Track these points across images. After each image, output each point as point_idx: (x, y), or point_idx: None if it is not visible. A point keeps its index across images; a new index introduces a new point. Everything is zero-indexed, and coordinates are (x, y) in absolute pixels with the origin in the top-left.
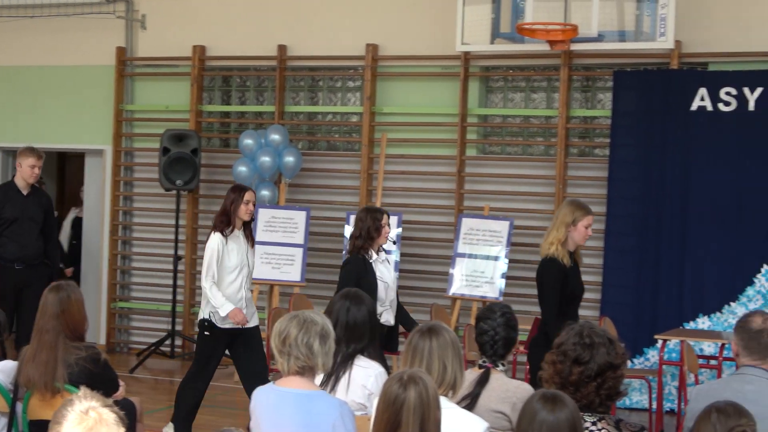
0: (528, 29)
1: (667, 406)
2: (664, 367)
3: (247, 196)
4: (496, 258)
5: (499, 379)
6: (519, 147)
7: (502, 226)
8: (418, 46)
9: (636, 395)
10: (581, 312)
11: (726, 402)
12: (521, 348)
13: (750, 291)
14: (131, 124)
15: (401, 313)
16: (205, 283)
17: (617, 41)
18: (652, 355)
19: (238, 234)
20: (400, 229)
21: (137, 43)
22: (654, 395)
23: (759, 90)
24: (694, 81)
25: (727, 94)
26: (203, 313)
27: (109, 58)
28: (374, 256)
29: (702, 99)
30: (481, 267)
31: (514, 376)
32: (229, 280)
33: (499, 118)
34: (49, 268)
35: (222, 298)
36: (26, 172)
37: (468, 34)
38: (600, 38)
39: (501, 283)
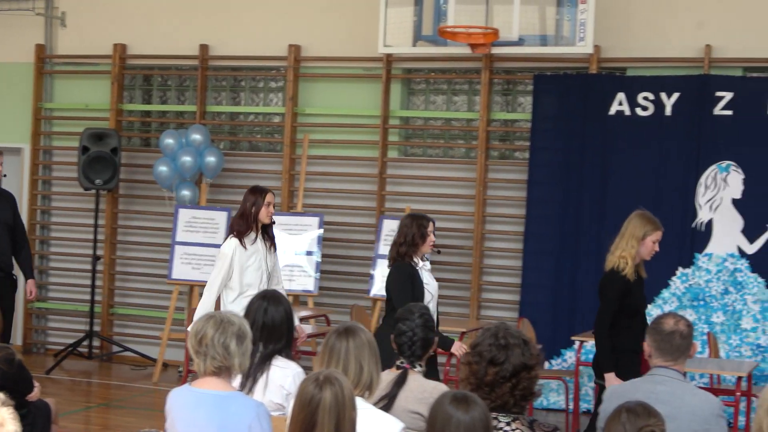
0: (450, 32)
1: (583, 406)
2: (580, 368)
3: (269, 197)
4: None
5: (416, 380)
6: (440, 149)
7: None
8: (340, 48)
9: (553, 396)
10: (500, 313)
11: (636, 402)
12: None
13: (665, 293)
14: (50, 123)
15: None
16: (207, 294)
17: (538, 45)
18: (570, 356)
19: (258, 238)
20: (321, 231)
21: (57, 40)
22: (571, 396)
23: (676, 95)
24: (613, 86)
25: (645, 99)
26: None
27: (28, 56)
28: (420, 263)
29: (620, 104)
30: None
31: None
32: (249, 288)
33: (421, 120)
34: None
35: (202, 312)
36: None
37: (390, 36)
38: (521, 42)
39: None
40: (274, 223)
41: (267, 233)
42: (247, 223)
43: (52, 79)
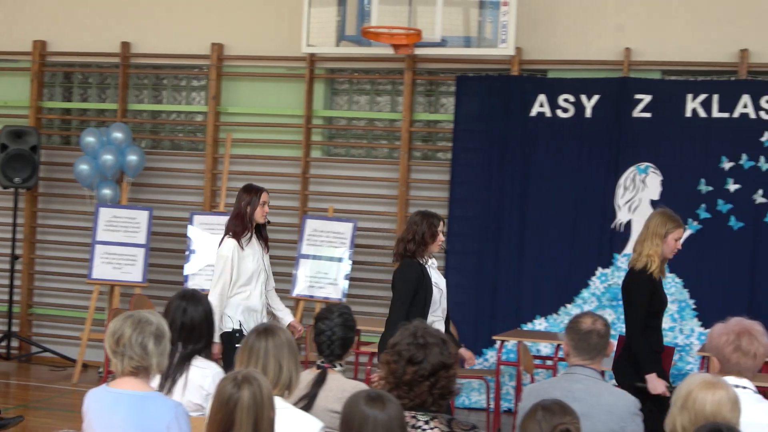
0: (373, 33)
1: (504, 405)
2: (501, 367)
3: (264, 197)
4: (339, 259)
5: (336, 379)
6: (363, 149)
7: (346, 228)
8: (263, 47)
9: (475, 395)
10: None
11: (552, 400)
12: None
13: (585, 293)
14: None
15: (447, 324)
16: (213, 296)
17: (460, 47)
18: (491, 355)
19: (253, 238)
20: None
21: None
22: (492, 395)
23: (596, 97)
24: (534, 88)
25: (565, 101)
26: (230, 324)
27: None
28: (429, 261)
29: (541, 105)
30: (325, 268)
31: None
32: (248, 289)
33: (344, 120)
34: None
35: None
36: None
37: (313, 36)
38: (443, 43)
39: (344, 284)
40: (269, 222)
41: (260, 233)
42: (243, 223)
43: None
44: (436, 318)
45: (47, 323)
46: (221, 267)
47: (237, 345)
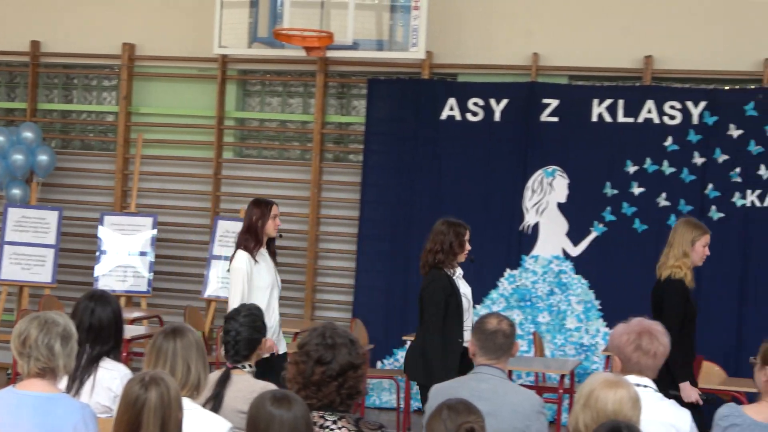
0: (285, 35)
1: (414, 405)
2: None
3: (274, 210)
4: None
5: (245, 380)
6: (275, 151)
7: None
8: (175, 47)
9: (386, 395)
10: (334, 314)
11: (457, 399)
12: None
13: (494, 294)
14: None
15: None
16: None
17: (372, 50)
18: (401, 355)
19: (264, 251)
20: (155, 231)
21: None
22: (402, 394)
23: (504, 101)
24: (444, 91)
25: (475, 104)
26: None
27: None
28: (457, 272)
29: (451, 108)
30: None
31: None
32: (262, 303)
33: (256, 121)
34: None
35: None
36: None
37: (226, 37)
38: (355, 46)
39: None
40: (281, 236)
41: (269, 246)
42: (256, 237)
43: None
44: (467, 328)
45: None
46: (236, 279)
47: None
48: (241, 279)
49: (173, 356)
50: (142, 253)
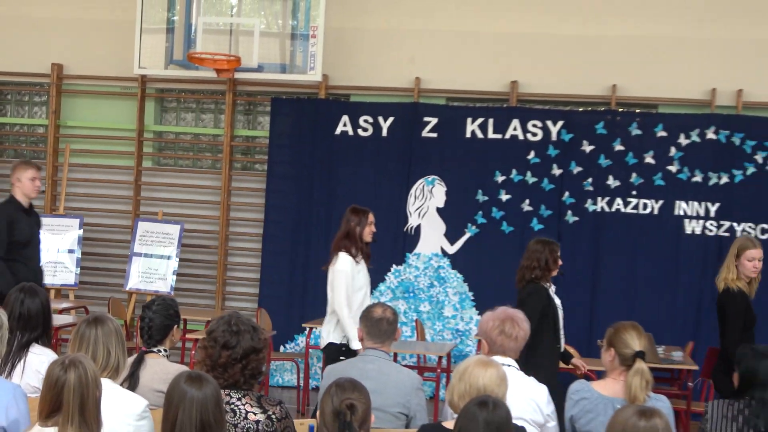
0: (198, 58)
1: (313, 383)
2: (310, 350)
3: (370, 217)
4: (168, 257)
5: (160, 363)
6: (190, 160)
7: (174, 230)
8: (99, 68)
9: (288, 375)
10: (242, 304)
11: (346, 378)
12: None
13: (382, 287)
14: None
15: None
16: (343, 310)
17: (275, 72)
18: (301, 340)
19: (360, 255)
20: (81, 231)
21: None
22: (302, 375)
23: (391, 119)
24: (338, 109)
25: (365, 121)
26: (333, 337)
27: None
28: (552, 286)
29: (345, 125)
30: (155, 265)
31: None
32: (358, 301)
33: (173, 134)
34: None
35: (355, 331)
36: (27, 187)
37: (145, 59)
38: (260, 69)
39: (172, 279)
40: (375, 240)
41: (363, 250)
42: (354, 242)
43: None
44: (562, 336)
45: None
46: (340, 280)
47: (341, 358)
48: (345, 280)
49: (95, 342)
50: (70, 251)
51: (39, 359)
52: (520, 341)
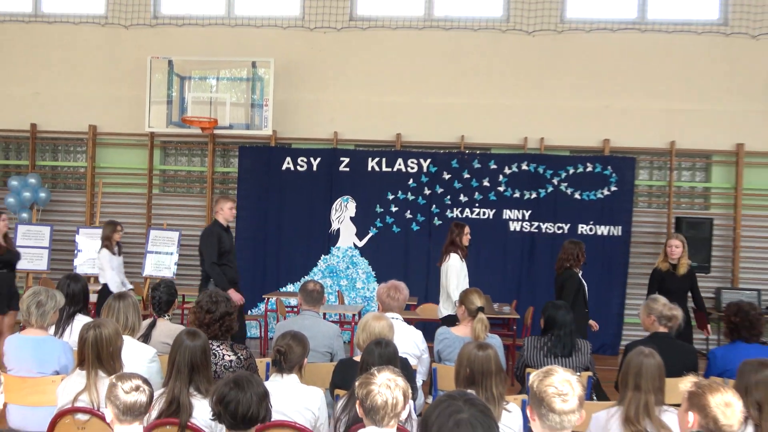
0: (189, 120)
1: (270, 335)
2: (268, 313)
3: (467, 229)
4: (171, 254)
5: (166, 324)
6: (184, 188)
7: (175, 235)
8: (122, 127)
9: (253, 330)
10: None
11: (290, 330)
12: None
13: (315, 269)
14: None
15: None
16: (454, 293)
17: (242, 129)
18: (262, 307)
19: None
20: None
21: None
22: (262, 330)
23: (318, 159)
24: (284, 153)
25: (302, 161)
26: (448, 311)
27: None
28: (581, 271)
29: (288, 163)
30: (162, 259)
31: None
32: (463, 287)
33: (172, 171)
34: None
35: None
36: (228, 213)
37: (152, 121)
38: (231, 127)
39: (174, 268)
40: (469, 244)
41: (464, 251)
42: (458, 246)
43: None
44: (587, 307)
45: None
46: (455, 273)
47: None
48: (456, 273)
49: (118, 311)
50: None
51: (80, 324)
52: (401, 302)
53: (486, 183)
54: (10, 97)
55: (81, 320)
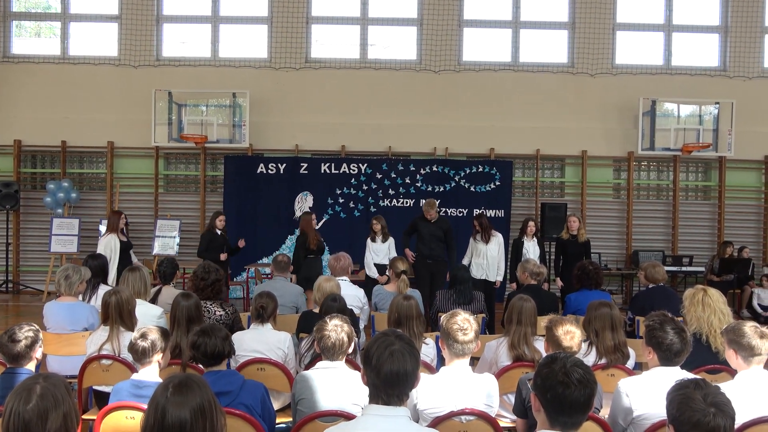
0: (185, 136)
1: (251, 296)
2: (249, 279)
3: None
4: (174, 237)
5: (170, 290)
6: (183, 188)
7: (176, 224)
8: (134, 142)
9: (238, 292)
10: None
11: (266, 291)
12: None
13: (283, 247)
14: None
15: None
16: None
17: (226, 143)
18: (244, 275)
19: None
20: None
21: None
22: (244, 291)
23: (284, 164)
24: (258, 161)
25: (272, 166)
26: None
27: None
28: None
29: (261, 168)
30: (167, 241)
31: None
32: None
33: (173, 175)
34: None
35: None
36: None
37: (157, 137)
38: (218, 141)
39: (176, 248)
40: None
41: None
42: (487, 232)
43: None
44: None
45: (29, 276)
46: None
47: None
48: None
49: (132, 280)
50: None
51: (102, 292)
52: (344, 267)
53: (407, 180)
54: (46, 120)
55: (103, 289)
